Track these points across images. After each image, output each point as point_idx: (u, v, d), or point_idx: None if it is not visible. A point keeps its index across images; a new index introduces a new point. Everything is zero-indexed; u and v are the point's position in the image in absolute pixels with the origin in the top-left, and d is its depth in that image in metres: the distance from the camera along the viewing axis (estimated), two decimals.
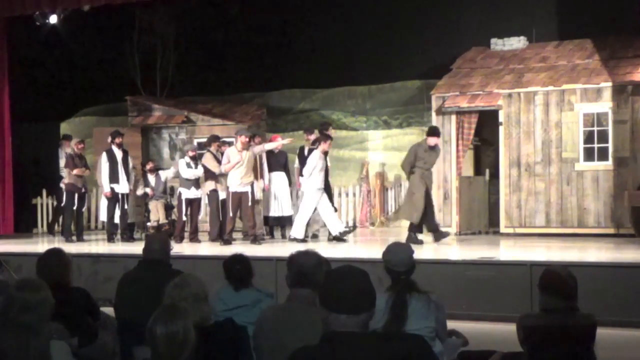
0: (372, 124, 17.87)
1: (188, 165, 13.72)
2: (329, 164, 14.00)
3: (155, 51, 18.67)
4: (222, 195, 13.37)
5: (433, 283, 7.74)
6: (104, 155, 13.92)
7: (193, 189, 13.72)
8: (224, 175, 13.01)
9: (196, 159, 13.89)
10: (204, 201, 13.92)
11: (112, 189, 13.78)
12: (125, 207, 13.93)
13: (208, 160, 13.45)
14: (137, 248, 12.30)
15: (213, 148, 13.59)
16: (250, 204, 12.75)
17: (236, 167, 12.65)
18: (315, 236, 13.87)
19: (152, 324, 3.70)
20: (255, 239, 12.69)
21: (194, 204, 13.74)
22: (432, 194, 14.94)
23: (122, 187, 13.86)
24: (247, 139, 12.80)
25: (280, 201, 13.77)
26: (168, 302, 4.25)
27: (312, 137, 14.15)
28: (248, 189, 12.74)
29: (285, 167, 13.92)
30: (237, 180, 12.70)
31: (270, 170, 13.73)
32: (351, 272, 3.22)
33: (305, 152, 14.03)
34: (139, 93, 18.49)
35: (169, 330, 3.67)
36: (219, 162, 13.14)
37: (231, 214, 12.81)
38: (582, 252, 11.31)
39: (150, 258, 5.99)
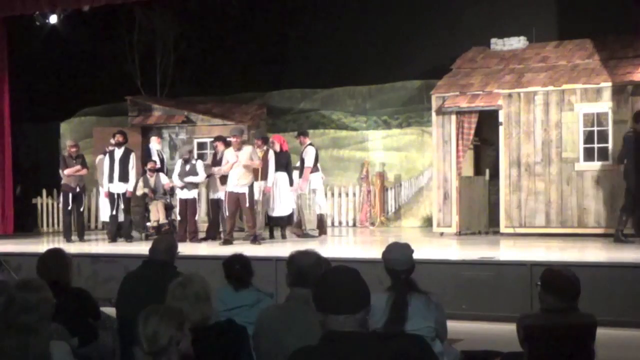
0: (372, 124, 17.86)
1: (183, 166, 13.78)
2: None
3: (155, 51, 18.68)
4: (218, 195, 13.50)
5: (433, 283, 7.75)
6: (105, 155, 14.02)
7: (185, 189, 13.70)
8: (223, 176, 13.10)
9: (189, 160, 13.86)
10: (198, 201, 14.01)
11: (108, 188, 13.89)
12: (122, 206, 13.96)
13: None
14: (137, 248, 12.34)
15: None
16: (248, 204, 12.73)
17: (234, 167, 12.67)
18: (310, 236, 13.89)
19: (141, 322, 3.73)
20: (255, 239, 12.68)
21: (188, 204, 13.69)
22: (432, 193, 14.98)
23: (116, 186, 13.89)
24: (238, 140, 12.79)
25: (280, 201, 13.76)
26: (170, 301, 4.26)
27: (307, 139, 14.20)
28: (245, 189, 12.71)
29: (287, 168, 13.91)
30: (234, 181, 12.71)
31: None
32: (343, 272, 3.22)
33: (303, 154, 14.08)
34: (139, 93, 18.50)
35: (147, 330, 3.69)
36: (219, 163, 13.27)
37: (227, 214, 12.85)
38: (582, 252, 11.31)
39: (156, 259, 6.00)
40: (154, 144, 14.77)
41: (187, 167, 13.73)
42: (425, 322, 5.02)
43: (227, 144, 13.38)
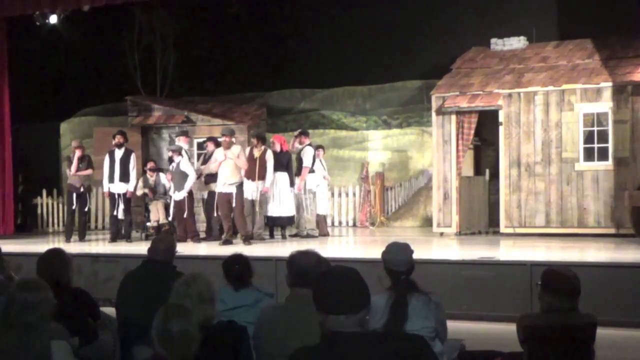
0: (372, 124, 17.87)
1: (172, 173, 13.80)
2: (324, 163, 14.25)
3: (155, 51, 18.68)
4: (202, 194, 13.72)
5: (433, 283, 7.75)
6: (106, 155, 14.07)
7: (176, 191, 13.67)
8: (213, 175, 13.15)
9: (172, 160, 13.83)
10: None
11: (108, 188, 13.94)
12: (122, 206, 13.97)
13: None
14: (137, 248, 12.34)
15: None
16: (235, 204, 12.69)
17: (222, 166, 12.65)
18: (310, 236, 13.90)
19: (165, 322, 3.69)
20: (246, 239, 12.60)
21: (180, 205, 13.65)
22: (432, 194, 14.98)
23: (117, 186, 13.91)
24: (228, 139, 12.76)
25: (280, 201, 13.74)
26: (173, 298, 4.26)
27: (307, 140, 14.23)
28: (233, 189, 12.69)
29: (287, 168, 13.90)
30: (222, 181, 12.71)
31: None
32: (342, 272, 3.22)
33: (302, 155, 14.12)
34: (139, 93, 18.50)
35: (183, 328, 3.68)
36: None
37: (217, 214, 12.87)
38: (582, 252, 11.31)
39: (155, 259, 6.01)
40: (182, 143, 14.62)
41: (173, 167, 13.68)
42: (425, 322, 5.02)
43: (218, 145, 13.41)
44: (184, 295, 4.29)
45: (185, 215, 13.48)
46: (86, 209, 14.49)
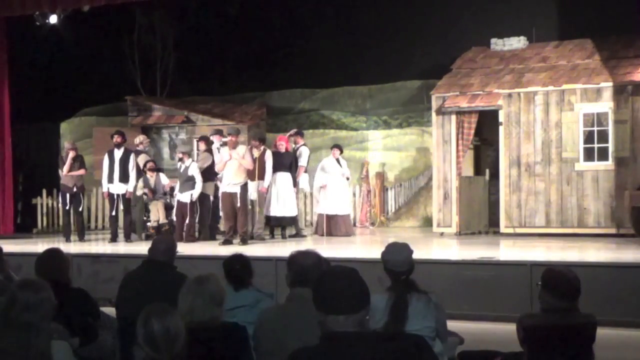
0: (372, 124, 17.86)
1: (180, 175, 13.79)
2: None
3: (155, 51, 18.68)
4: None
5: (433, 283, 7.75)
6: (105, 155, 14.06)
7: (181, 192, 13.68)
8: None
9: (182, 160, 13.83)
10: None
11: (107, 189, 13.94)
12: (121, 207, 13.95)
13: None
14: (137, 248, 12.34)
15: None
16: (239, 204, 12.68)
17: (227, 166, 12.65)
18: (303, 235, 13.95)
19: (145, 322, 3.71)
20: (243, 240, 12.57)
21: (187, 206, 13.65)
22: (432, 194, 14.99)
23: (116, 187, 13.90)
24: (234, 139, 12.74)
25: (282, 201, 13.74)
26: (183, 294, 4.27)
27: (301, 140, 14.29)
28: (237, 189, 12.67)
29: (290, 168, 13.90)
30: (226, 180, 12.71)
31: (275, 170, 13.68)
32: (342, 272, 3.22)
33: (297, 155, 14.16)
34: (139, 93, 18.50)
35: (164, 327, 3.69)
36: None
37: (221, 214, 12.86)
38: (582, 252, 11.32)
39: (155, 259, 6.01)
40: (214, 139, 14.55)
41: (182, 169, 13.69)
42: (426, 322, 5.01)
43: (209, 144, 13.43)
44: (195, 293, 4.30)
45: (188, 217, 13.55)
46: (80, 209, 14.45)
